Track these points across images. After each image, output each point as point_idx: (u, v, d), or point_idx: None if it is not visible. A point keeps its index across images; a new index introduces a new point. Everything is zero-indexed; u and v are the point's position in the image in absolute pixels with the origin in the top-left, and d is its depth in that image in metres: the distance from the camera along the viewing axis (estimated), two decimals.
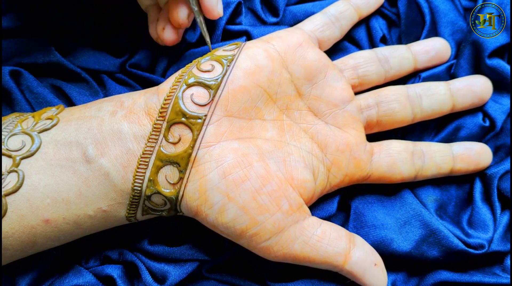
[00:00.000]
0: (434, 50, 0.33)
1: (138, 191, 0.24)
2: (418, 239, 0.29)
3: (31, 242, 0.24)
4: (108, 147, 0.24)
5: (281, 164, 0.26)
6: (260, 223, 0.25)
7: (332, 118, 0.29)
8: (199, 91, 0.25)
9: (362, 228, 0.30)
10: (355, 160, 0.29)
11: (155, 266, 0.29)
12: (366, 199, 0.31)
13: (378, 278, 0.27)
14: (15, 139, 0.25)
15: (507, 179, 0.31)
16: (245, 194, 0.24)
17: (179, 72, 0.26)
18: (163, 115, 0.25)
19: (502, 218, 0.30)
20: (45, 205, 0.24)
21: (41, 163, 0.24)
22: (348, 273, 0.27)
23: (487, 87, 0.32)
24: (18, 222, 0.23)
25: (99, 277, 0.28)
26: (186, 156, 0.24)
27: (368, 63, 0.31)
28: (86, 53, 0.33)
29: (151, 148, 0.24)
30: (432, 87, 0.31)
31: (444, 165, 0.30)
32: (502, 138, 0.33)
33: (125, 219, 0.26)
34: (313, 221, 0.27)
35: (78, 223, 0.25)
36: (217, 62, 0.26)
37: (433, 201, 0.32)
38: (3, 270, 0.27)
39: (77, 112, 0.26)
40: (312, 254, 0.26)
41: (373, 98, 0.31)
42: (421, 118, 0.32)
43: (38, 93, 0.31)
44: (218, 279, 0.30)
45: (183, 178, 0.25)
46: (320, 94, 0.29)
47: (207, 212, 0.25)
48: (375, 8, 0.34)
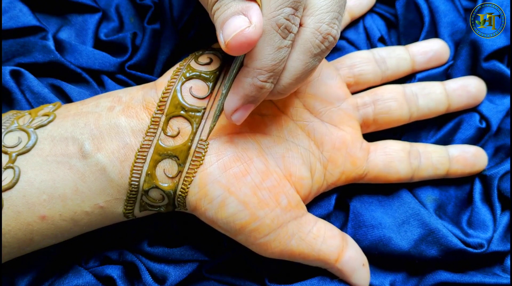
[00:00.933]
0: (433, 51, 0.33)
1: (135, 185, 0.24)
2: (416, 238, 0.29)
3: (28, 240, 0.24)
4: (105, 142, 0.24)
5: (279, 160, 0.26)
6: (260, 218, 0.24)
7: (327, 116, 0.29)
8: (198, 84, 0.25)
9: (360, 227, 0.30)
10: (351, 157, 0.29)
11: (155, 266, 0.29)
12: (365, 199, 0.31)
13: (364, 278, 0.28)
14: (11, 136, 0.24)
15: (507, 179, 0.31)
16: (245, 189, 0.24)
17: (176, 65, 0.27)
18: (162, 108, 0.25)
19: (502, 218, 0.30)
20: (41, 201, 0.23)
21: (37, 159, 0.24)
22: (337, 271, 0.27)
23: (481, 88, 0.32)
24: (14, 219, 0.23)
25: (99, 278, 0.28)
26: (185, 149, 0.24)
27: (364, 63, 0.31)
28: (86, 53, 0.33)
29: (149, 142, 0.24)
30: (428, 87, 0.32)
31: (441, 166, 0.30)
32: (502, 139, 0.33)
33: (122, 215, 0.26)
34: (310, 218, 0.27)
35: (75, 219, 0.24)
36: (215, 55, 0.27)
37: (432, 201, 0.32)
38: (2, 270, 0.27)
39: (74, 108, 0.26)
40: (307, 251, 0.26)
41: (369, 96, 0.31)
42: (418, 117, 0.32)
43: (39, 93, 0.31)
44: (218, 279, 0.30)
45: (182, 172, 0.24)
46: (315, 92, 0.29)
47: (206, 207, 0.24)
48: (367, 9, 0.34)
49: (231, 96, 0.23)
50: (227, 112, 0.23)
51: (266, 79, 0.21)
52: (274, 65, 0.21)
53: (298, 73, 0.22)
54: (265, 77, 0.21)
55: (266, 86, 0.22)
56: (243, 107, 0.23)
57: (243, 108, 0.23)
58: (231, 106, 0.23)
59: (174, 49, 0.33)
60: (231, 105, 0.23)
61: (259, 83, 0.22)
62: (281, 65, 0.21)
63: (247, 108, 0.23)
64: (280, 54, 0.21)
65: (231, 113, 0.23)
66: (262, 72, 0.21)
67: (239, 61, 0.23)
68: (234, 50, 0.20)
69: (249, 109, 0.23)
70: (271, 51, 0.21)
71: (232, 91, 0.23)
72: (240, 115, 0.23)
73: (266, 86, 0.22)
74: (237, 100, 0.22)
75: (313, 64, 0.22)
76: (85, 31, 0.34)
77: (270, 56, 0.21)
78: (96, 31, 0.34)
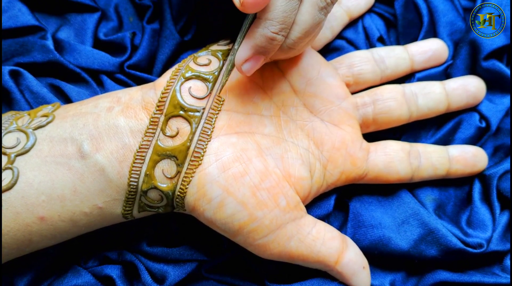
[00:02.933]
0: (431, 51, 0.33)
1: (134, 186, 0.24)
2: (416, 238, 0.29)
3: (27, 240, 0.24)
4: (103, 142, 0.24)
5: (279, 160, 0.26)
6: (259, 219, 0.24)
7: (327, 115, 0.29)
8: (197, 84, 0.25)
9: (360, 227, 0.30)
10: (351, 157, 0.29)
11: (154, 266, 0.28)
12: (364, 199, 0.31)
13: (364, 281, 0.28)
14: (10, 137, 0.24)
15: (506, 179, 0.31)
16: (244, 189, 0.24)
17: (176, 66, 0.27)
18: (161, 108, 0.25)
19: (501, 218, 0.30)
20: (40, 202, 0.23)
21: (35, 160, 0.24)
22: (337, 273, 0.27)
23: (481, 87, 0.32)
24: (13, 220, 0.23)
25: (98, 277, 0.28)
26: (184, 149, 0.24)
27: (363, 62, 0.31)
28: (85, 53, 0.32)
29: (148, 142, 0.24)
30: (427, 86, 0.31)
31: (441, 166, 0.30)
32: (501, 138, 0.33)
33: (121, 216, 0.25)
34: (309, 220, 0.27)
35: (73, 220, 0.24)
36: (213, 56, 0.27)
37: (431, 201, 0.32)
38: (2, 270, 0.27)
39: (72, 109, 0.26)
40: (306, 253, 0.26)
41: (369, 96, 0.31)
42: (417, 117, 0.31)
43: (38, 93, 0.31)
44: (217, 279, 0.30)
45: (180, 172, 0.24)
46: (315, 91, 0.29)
47: (205, 207, 0.24)
48: (366, 9, 0.34)
49: (243, 46, 0.24)
50: (238, 62, 0.24)
51: (277, 30, 0.22)
52: (285, 17, 0.22)
53: (307, 26, 0.23)
54: (276, 29, 0.22)
55: (277, 38, 0.23)
56: (253, 58, 0.24)
57: (253, 59, 0.24)
58: (242, 56, 0.24)
59: (174, 49, 0.33)
60: (242, 55, 0.24)
61: (270, 34, 0.22)
62: (292, 17, 0.22)
63: (258, 59, 0.24)
64: (291, 6, 0.22)
65: (242, 63, 0.24)
66: (274, 23, 0.22)
67: (251, 17, 0.24)
68: (249, 8, 0.21)
69: (259, 60, 0.24)
70: (282, 3, 0.22)
71: (244, 42, 0.23)
72: (250, 65, 0.24)
73: (277, 38, 0.23)
74: (248, 50, 0.23)
75: (319, 18, 0.24)
76: (84, 30, 0.34)
77: (281, 8, 0.22)
78: (95, 31, 0.34)
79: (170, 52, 0.33)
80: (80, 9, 0.34)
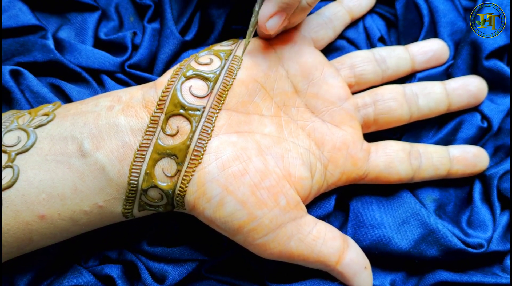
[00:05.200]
0: (432, 51, 0.33)
1: (134, 185, 0.24)
2: (416, 238, 0.29)
3: (27, 239, 0.24)
4: (104, 141, 0.24)
5: (279, 160, 0.26)
6: (258, 218, 0.24)
7: (329, 116, 0.29)
8: (198, 83, 0.25)
9: (360, 227, 0.30)
10: (352, 158, 0.29)
11: (155, 266, 0.28)
12: (365, 199, 0.31)
13: (366, 281, 0.27)
14: (11, 135, 0.24)
15: (506, 179, 0.31)
16: (244, 188, 0.24)
17: (177, 65, 0.27)
18: (161, 107, 0.25)
19: (501, 218, 0.30)
20: (40, 200, 0.23)
21: (36, 158, 0.24)
22: (338, 274, 0.27)
23: (482, 87, 0.32)
24: (13, 218, 0.23)
25: (98, 277, 0.28)
26: (184, 147, 0.24)
27: (365, 63, 0.31)
28: (86, 52, 0.32)
29: (148, 141, 0.24)
30: (428, 86, 0.31)
31: (441, 167, 0.30)
32: (501, 139, 0.33)
33: (121, 215, 0.25)
34: (309, 219, 0.27)
35: (74, 219, 0.24)
36: (215, 56, 0.27)
37: (432, 201, 0.32)
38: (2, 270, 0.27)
39: (73, 108, 0.26)
40: (307, 253, 0.26)
41: (370, 96, 0.31)
42: (418, 117, 0.31)
43: (38, 93, 0.31)
44: (217, 279, 0.29)
45: (180, 171, 0.24)
46: (317, 91, 0.29)
47: (205, 206, 0.24)
48: (367, 9, 0.34)
49: (266, 4, 0.25)
50: (262, 19, 0.25)
51: None
52: None
53: None
54: None
55: None
56: (277, 13, 0.25)
57: (277, 15, 0.25)
58: (267, 12, 0.25)
59: (174, 48, 0.33)
60: (267, 11, 0.25)
61: None
62: None
63: (282, 15, 0.25)
64: None
65: (267, 19, 0.25)
66: None
67: None
68: None
69: (282, 16, 0.25)
70: None
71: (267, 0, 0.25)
72: (274, 22, 0.25)
73: None
74: (273, 7, 0.25)
75: None
76: (84, 30, 0.34)
77: None
78: (96, 30, 0.34)
79: (170, 52, 0.33)
80: (81, 8, 0.34)
